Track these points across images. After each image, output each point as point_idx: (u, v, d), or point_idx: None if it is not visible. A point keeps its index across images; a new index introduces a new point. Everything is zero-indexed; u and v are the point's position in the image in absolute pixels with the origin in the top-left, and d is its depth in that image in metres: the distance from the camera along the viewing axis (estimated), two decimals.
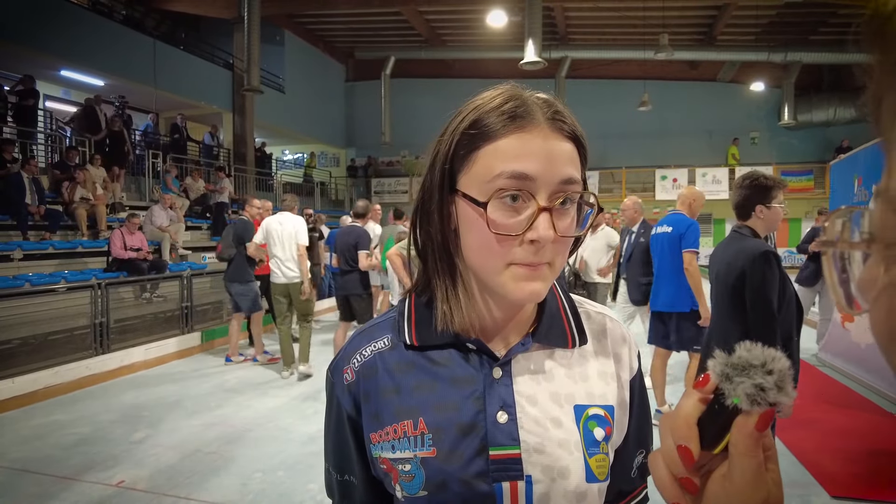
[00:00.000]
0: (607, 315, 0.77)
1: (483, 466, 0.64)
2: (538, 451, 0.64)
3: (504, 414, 0.65)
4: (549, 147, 0.60)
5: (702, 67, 17.78)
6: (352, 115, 19.78)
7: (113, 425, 4.42)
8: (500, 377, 0.67)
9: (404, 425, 0.66)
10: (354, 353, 0.72)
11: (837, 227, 0.34)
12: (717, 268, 2.58)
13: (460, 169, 0.63)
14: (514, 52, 12.48)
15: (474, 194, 0.61)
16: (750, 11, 14.23)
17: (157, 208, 8.98)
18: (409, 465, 0.66)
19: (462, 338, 0.68)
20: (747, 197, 2.47)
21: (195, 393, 5.29)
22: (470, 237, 0.63)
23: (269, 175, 15.70)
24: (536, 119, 0.61)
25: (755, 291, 2.32)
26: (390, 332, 0.72)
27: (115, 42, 10.92)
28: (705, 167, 16.66)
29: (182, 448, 3.92)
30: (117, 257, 7.39)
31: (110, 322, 6.22)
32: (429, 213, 0.67)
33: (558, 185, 0.60)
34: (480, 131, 0.61)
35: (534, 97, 0.63)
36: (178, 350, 6.83)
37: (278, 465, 3.62)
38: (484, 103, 0.63)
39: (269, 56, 14.71)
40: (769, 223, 2.45)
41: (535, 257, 0.60)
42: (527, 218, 0.60)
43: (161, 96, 12.41)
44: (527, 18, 11.86)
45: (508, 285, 0.62)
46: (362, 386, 0.70)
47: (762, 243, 2.39)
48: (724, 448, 0.41)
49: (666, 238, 4.05)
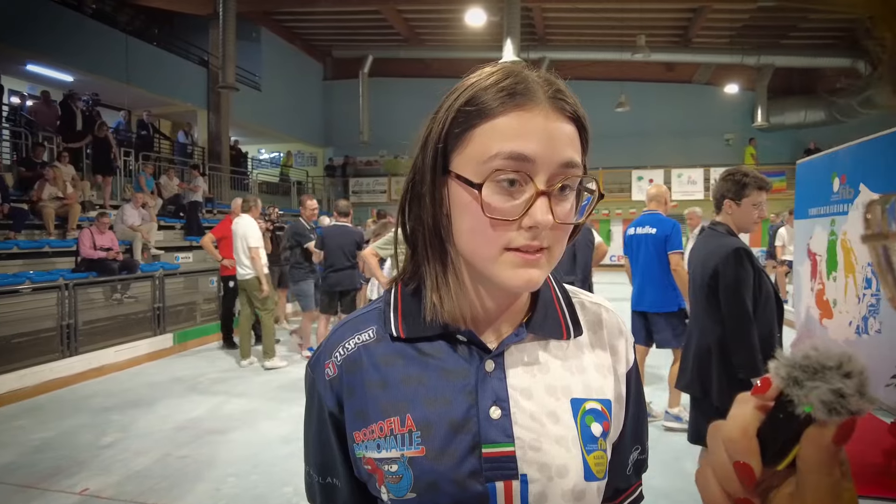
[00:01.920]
0: (603, 305, 0.73)
1: (475, 465, 0.60)
2: (534, 448, 0.60)
3: (497, 409, 0.61)
4: (549, 127, 0.56)
5: (678, 69, 18.03)
6: (329, 114, 19.63)
7: (80, 430, 4.26)
8: (493, 370, 0.63)
9: (391, 422, 0.62)
10: (337, 346, 0.67)
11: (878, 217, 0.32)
12: (692, 266, 2.56)
13: (454, 148, 0.59)
14: (492, 52, 12.48)
15: (469, 175, 0.57)
16: (724, 14, 14.48)
17: (129, 207, 8.75)
18: (395, 466, 0.61)
19: (452, 329, 0.64)
20: (720, 190, 2.44)
21: (167, 395, 5.15)
22: (463, 221, 0.59)
23: (245, 174, 15.48)
24: (537, 97, 0.57)
25: (728, 291, 2.28)
26: (375, 324, 0.68)
27: (86, 37, 10.64)
28: (681, 168, 16.89)
29: (152, 452, 3.79)
30: (86, 257, 7.18)
31: (78, 324, 6.03)
32: (419, 196, 0.62)
33: (558, 169, 0.56)
34: (477, 108, 0.57)
35: (534, 74, 0.59)
36: (150, 352, 6.66)
37: (252, 469, 3.52)
38: (481, 80, 0.59)
39: (246, 53, 14.51)
40: (738, 221, 2.40)
41: (532, 242, 0.56)
42: (524, 202, 0.56)
43: (134, 93, 12.14)
44: (505, 18, 11.88)
45: (504, 273, 0.58)
46: (345, 381, 0.65)
47: (734, 241, 2.34)
48: (790, 463, 0.35)
49: (651, 239, 4.05)
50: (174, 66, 13.07)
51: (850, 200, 4.98)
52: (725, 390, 2.31)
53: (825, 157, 5.68)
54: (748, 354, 2.22)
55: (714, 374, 2.35)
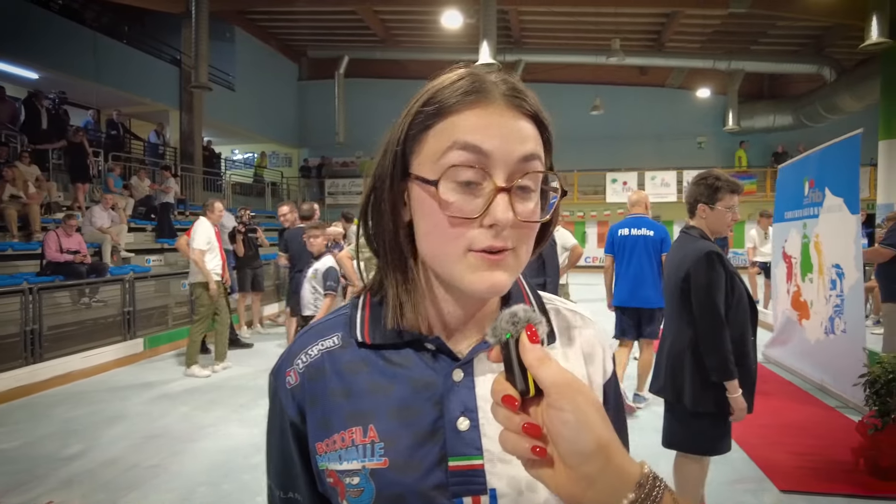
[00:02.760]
0: (579, 313, 0.71)
1: (442, 479, 0.57)
2: (503, 460, 0.58)
3: (465, 420, 0.59)
4: (506, 124, 0.55)
5: (652, 73, 18.31)
6: (304, 115, 19.45)
7: (42, 441, 4.12)
8: (461, 379, 0.60)
9: (352, 432, 0.59)
10: (299, 353, 0.65)
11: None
12: (667, 270, 2.57)
13: (413, 151, 0.58)
14: (469, 54, 12.50)
15: (426, 174, 0.56)
16: (696, 20, 14.75)
17: (98, 209, 8.55)
18: (357, 478, 0.58)
19: (420, 336, 0.61)
20: (693, 194, 2.44)
21: (136, 403, 5.02)
22: (423, 223, 0.57)
23: (218, 175, 15.22)
24: (493, 95, 0.56)
25: (700, 294, 2.29)
26: (341, 330, 0.65)
27: (52, 33, 10.35)
28: (654, 170, 17.14)
29: (120, 463, 3.69)
30: (52, 260, 6.98)
31: (43, 329, 5.85)
32: (379, 202, 0.61)
33: (517, 164, 0.54)
34: (434, 108, 0.56)
35: (492, 75, 0.58)
36: (119, 357, 6.49)
37: (224, 478, 3.45)
38: (439, 82, 0.59)
39: (219, 53, 14.29)
40: (712, 225, 2.41)
41: (495, 242, 0.54)
42: (484, 200, 0.54)
43: (103, 92, 11.86)
44: (482, 21, 11.91)
45: (466, 277, 0.55)
46: (308, 389, 0.63)
47: (706, 244, 2.35)
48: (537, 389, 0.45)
49: (649, 241, 4.41)
50: (145, 64, 12.81)
51: (820, 203, 5.09)
52: (699, 394, 2.32)
53: (799, 162, 5.79)
54: (720, 357, 2.23)
55: (687, 378, 2.35)
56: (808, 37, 15.69)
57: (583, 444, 0.43)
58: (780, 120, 17.41)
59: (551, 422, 0.44)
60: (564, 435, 0.43)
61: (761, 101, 17.88)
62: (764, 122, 17.66)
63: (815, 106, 15.99)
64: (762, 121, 17.65)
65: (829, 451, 3.64)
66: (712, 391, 2.28)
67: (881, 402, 3.16)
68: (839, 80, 14.91)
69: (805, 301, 5.42)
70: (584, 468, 0.43)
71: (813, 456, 3.58)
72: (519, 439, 0.45)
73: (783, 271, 5.97)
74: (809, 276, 5.35)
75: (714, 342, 2.24)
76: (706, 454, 2.45)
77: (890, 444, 3.13)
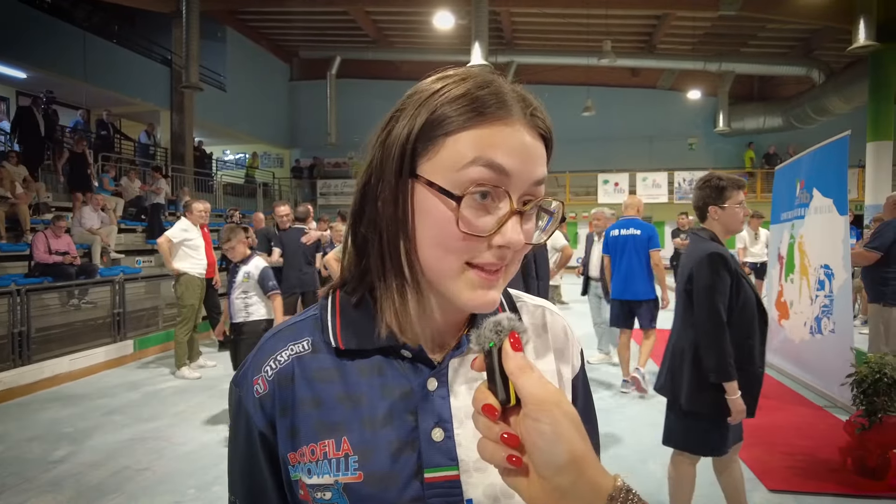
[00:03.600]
0: (547, 308, 0.71)
1: (418, 491, 0.56)
2: (479, 469, 0.57)
3: (440, 430, 0.58)
4: (528, 144, 0.54)
5: (643, 75, 18.40)
6: (296, 115, 19.40)
7: (29, 444, 4.08)
8: (436, 388, 0.59)
9: (324, 445, 0.57)
10: (267, 360, 0.61)
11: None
12: (678, 271, 2.57)
13: (423, 152, 0.55)
14: (461, 55, 12.49)
15: (442, 183, 0.53)
16: (687, 22, 14.83)
17: (88, 209, 8.47)
18: (329, 493, 0.56)
19: (395, 343, 0.59)
20: (701, 198, 2.43)
21: (125, 405, 4.98)
22: (427, 231, 0.55)
23: (209, 175, 15.15)
24: (516, 112, 0.55)
25: (700, 294, 2.29)
26: (311, 335, 0.62)
27: (40, 32, 10.26)
28: (646, 171, 17.21)
29: (108, 466, 3.65)
30: (40, 262, 6.92)
31: (31, 331, 5.79)
32: (375, 200, 0.57)
33: (530, 187, 0.55)
34: (454, 114, 0.53)
35: (509, 87, 0.57)
36: (109, 359, 6.43)
37: (214, 480, 3.42)
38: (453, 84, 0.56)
39: (210, 53, 14.23)
40: (725, 225, 2.40)
41: (498, 260, 0.54)
42: (496, 219, 0.53)
43: (92, 91, 11.77)
44: (473, 22, 11.92)
45: (464, 293, 0.55)
46: (278, 398, 0.60)
47: (712, 245, 2.34)
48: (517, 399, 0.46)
49: (637, 240, 4.88)
50: (135, 64, 12.71)
51: (807, 204, 5.14)
52: (695, 394, 2.33)
53: (792, 164, 5.84)
54: (719, 357, 2.22)
55: (685, 377, 2.37)
56: (796, 39, 15.82)
57: (556, 457, 0.43)
58: (770, 121, 17.55)
59: (527, 432, 0.45)
60: (539, 446, 0.44)
61: (751, 102, 18.02)
62: (754, 124, 17.80)
63: (805, 108, 16.12)
64: (752, 122, 17.78)
65: (816, 450, 3.66)
66: (709, 392, 2.28)
67: (868, 401, 3.18)
68: (828, 82, 15.05)
69: (785, 302, 5.46)
70: (556, 480, 0.43)
71: (801, 455, 3.60)
72: (496, 448, 0.45)
73: (777, 272, 6.02)
74: (791, 277, 5.39)
75: (713, 342, 2.24)
76: (700, 454, 2.46)
77: (877, 444, 3.15)
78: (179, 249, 5.81)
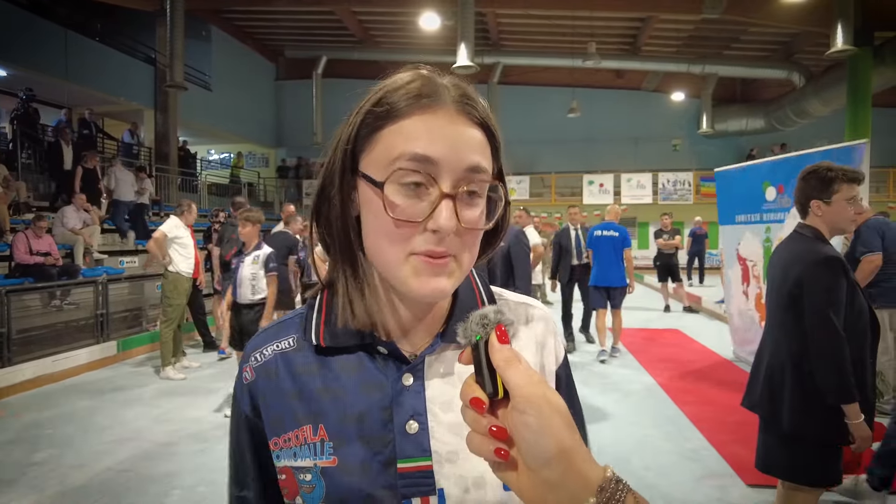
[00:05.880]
0: (528, 303, 0.73)
1: (391, 481, 0.59)
2: (450, 460, 0.60)
3: (414, 423, 0.60)
4: (455, 131, 0.56)
5: (628, 76, 18.55)
6: (282, 115, 19.31)
7: (9, 446, 4.03)
8: (411, 384, 0.61)
9: (304, 430, 0.62)
10: (254, 352, 0.67)
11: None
12: (773, 273, 2.24)
13: (363, 150, 0.59)
14: (447, 56, 12.52)
15: (373, 174, 0.56)
16: (671, 24, 14.99)
17: (70, 210, 8.37)
18: (309, 475, 0.60)
19: (372, 340, 0.62)
20: (802, 191, 2.13)
21: (108, 406, 4.94)
22: (369, 223, 0.58)
23: (194, 175, 15.02)
24: (443, 100, 0.57)
25: (815, 303, 1.97)
26: (296, 332, 0.66)
27: (20, 29, 10.13)
28: (630, 172, 17.37)
29: (91, 468, 3.63)
30: (21, 262, 6.84)
31: (12, 333, 5.72)
32: (328, 199, 0.62)
33: (464, 173, 0.55)
34: (385, 110, 0.57)
35: (444, 80, 0.60)
36: (92, 361, 6.37)
37: (198, 481, 3.42)
38: (391, 83, 0.60)
39: (195, 52, 14.11)
40: (830, 222, 2.08)
41: (436, 247, 0.55)
42: (429, 204, 0.55)
43: (74, 90, 11.62)
44: (459, 23, 11.93)
45: (410, 281, 0.56)
46: (261, 387, 0.65)
47: (825, 248, 2.04)
48: (505, 391, 0.46)
49: (615, 240, 6.21)
50: (118, 62, 12.59)
51: (787, 209, 5.24)
52: (799, 417, 2.03)
53: (753, 167, 5.96)
54: (839, 377, 1.91)
55: (786, 396, 2.07)
56: (777, 43, 16.06)
57: (544, 449, 0.43)
58: (752, 123, 17.79)
59: (515, 425, 0.44)
60: (527, 438, 0.44)
61: (734, 104, 18.26)
62: (737, 126, 18.04)
63: (786, 110, 16.37)
64: (735, 124, 18.02)
65: None
66: (818, 414, 1.99)
67: None
68: (807, 85, 15.30)
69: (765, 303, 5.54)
70: (544, 472, 0.43)
71: None
72: (484, 441, 0.45)
73: (737, 273, 6.15)
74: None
75: (833, 358, 1.93)
76: (810, 485, 2.10)
77: None
78: (170, 247, 5.82)
